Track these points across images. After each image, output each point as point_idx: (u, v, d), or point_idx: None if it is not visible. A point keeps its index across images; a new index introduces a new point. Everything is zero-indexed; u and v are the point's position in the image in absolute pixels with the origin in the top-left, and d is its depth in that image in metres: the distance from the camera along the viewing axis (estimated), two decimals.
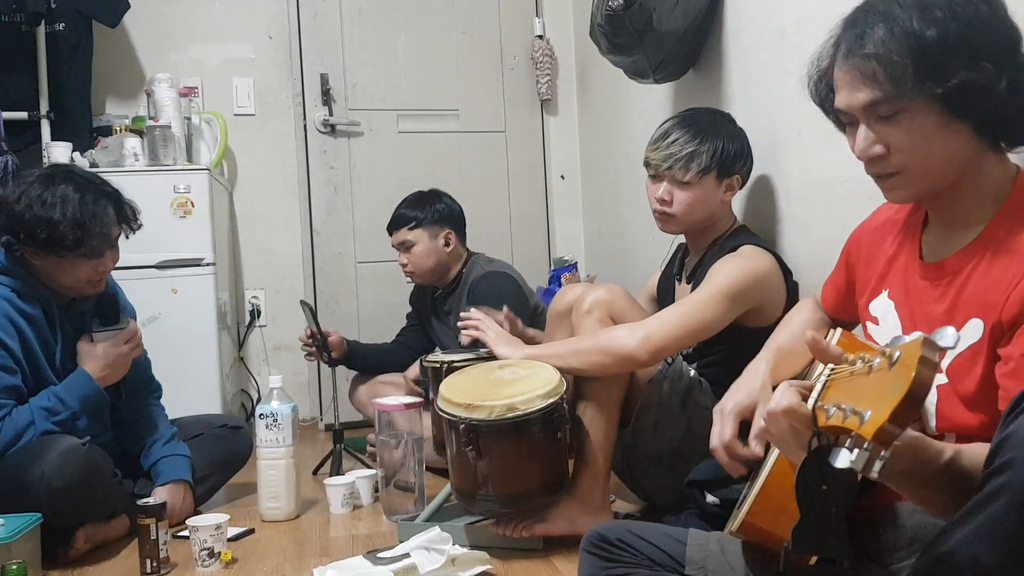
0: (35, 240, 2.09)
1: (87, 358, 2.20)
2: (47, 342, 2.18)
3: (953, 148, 1.16)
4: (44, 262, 2.14)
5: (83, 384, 2.16)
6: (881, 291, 1.33)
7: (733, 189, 2.21)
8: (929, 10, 1.12)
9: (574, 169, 4.23)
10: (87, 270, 2.17)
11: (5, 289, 2.11)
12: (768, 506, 1.22)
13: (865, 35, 1.15)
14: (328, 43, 3.94)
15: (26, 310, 2.12)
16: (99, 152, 3.38)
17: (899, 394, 0.85)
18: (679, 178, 2.14)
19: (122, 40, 3.81)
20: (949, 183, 1.19)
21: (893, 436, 0.86)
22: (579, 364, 1.99)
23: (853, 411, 0.89)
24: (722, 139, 2.16)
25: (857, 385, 0.96)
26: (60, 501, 1.95)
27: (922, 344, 0.87)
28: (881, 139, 1.18)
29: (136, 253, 3.15)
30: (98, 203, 2.14)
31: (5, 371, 2.07)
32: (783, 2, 2.26)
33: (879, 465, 0.88)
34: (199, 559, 1.96)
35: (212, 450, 2.51)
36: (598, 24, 2.62)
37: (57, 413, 2.09)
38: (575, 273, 3.78)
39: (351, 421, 3.22)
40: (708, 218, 2.20)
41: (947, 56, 1.10)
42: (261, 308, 4.00)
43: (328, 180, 3.94)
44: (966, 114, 1.13)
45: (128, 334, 2.26)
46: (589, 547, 1.39)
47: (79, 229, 2.08)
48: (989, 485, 0.87)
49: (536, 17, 4.20)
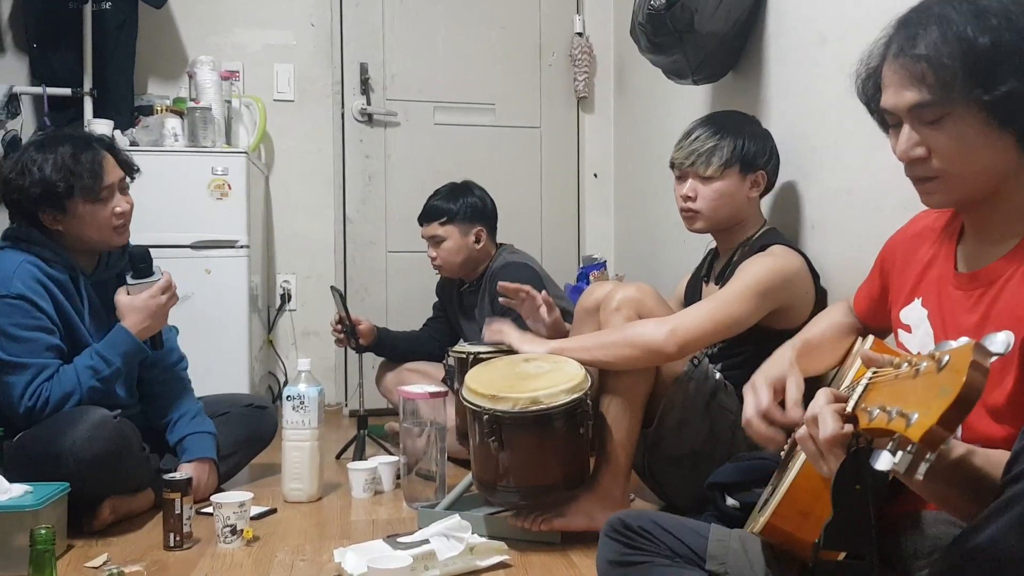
0: (34, 201, 2.14)
1: (127, 311, 2.22)
2: (76, 306, 2.21)
3: (994, 157, 1.15)
4: (64, 224, 2.18)
5: (124, 340, 2.18)
6: (914, 299, 1.32)
7: (759, 186, 2.21)
8: (984, 17, 1.11)
9: (607, 168, 4.23)
10: (105, 215, 2.20)
11: (32, 257, 2.15)
12: (793, 509, 1.22)
13: (918, 36, 1.14)
14: (369, 32, 3.97)
15: (55, 275, 2.16)
16: (139, 131, 3.43)
17: (949, 397, 0.84)
18: (701, 173, 2.17)
19: (166, 21, 3.86)
20: (987, 193, 1.19)
21: (941, 439, 0.86)
22: (605, 357, 1.99)
23: (900, 413, 0.89)
24: (743, 136, 2.19)
25: (903, 388, 0.95)
26: (89, 471, 1.99)
27: (974, 348, 0.87)
28: (924, 142, 1.17)
29: (172, 232, 3.22)
30: (85, 150, 2.18)
31: (44, 331, 2.11)
32: (825, 8, 2.25)
33: (924, 467, 0.87)
34: (221, 535, 1.99)
35: (237, 429, 2.54)
36: (639, 23, 2.62)
37: (101, 371, 2.13)
38: (603, 272, 3.78)
39: (375, 408, 3.24)
40: (734, 215, 2.21)
41: (998, 64, 1.09)
42: (292, 292, 4.04)
43: (363, 169, 3.97)
44: (1011, 124, 1.12)
45: (164, 283, 2.27)
46: (611, 532, 1.39)
47: (68, 174, 2.12)
48: (1007, 492, 0.87)
49: (576, 14, 4.20)
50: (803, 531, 1.19)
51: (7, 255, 2.15)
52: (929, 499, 1.08)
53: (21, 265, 2.12)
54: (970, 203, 1.22)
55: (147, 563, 1.87)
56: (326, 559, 1.90)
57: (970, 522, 0.93)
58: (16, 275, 2.10)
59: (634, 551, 1.36)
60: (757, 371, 1.50)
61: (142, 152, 3.32)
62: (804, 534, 1.18)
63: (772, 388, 1.42)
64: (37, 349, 2.10)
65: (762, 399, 1.40)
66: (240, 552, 1.97)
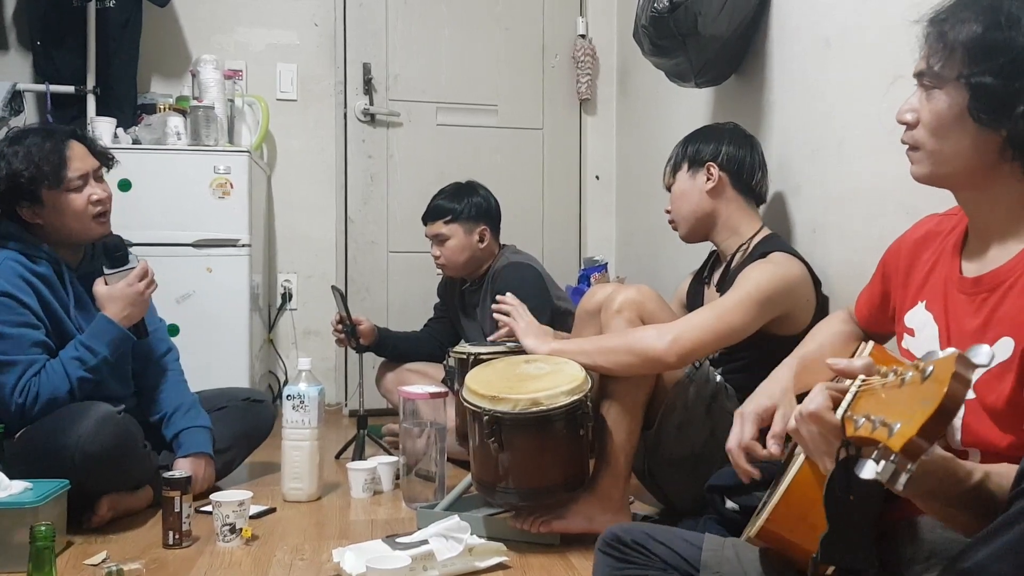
0: (5, 195, 2.15)
1: (106, 301, 2.21)
2: (62, 300, 2.21)
3: (967, 145, 1.18)
4: (43, 217, 2.18)
5: (107, 328, 2.18)
6: (918, 302, 1.33)
7: (712, 179, 2.23)
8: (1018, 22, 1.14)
9: (609, 170, 4.23)
10: (79, 204, 2.19)
11: (13, 252, 2.15)
12: (788, 513, 1.22)
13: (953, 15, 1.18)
14: (372, 33, 3.97)
15: (37, 270, 2.15)
16: (142, 129, 3.43)
17: (929, 409, 0.85)
18: (666, 184, 2.35)
19: (170, 20, 3.86)
20: (968, 183, 1.21)
21: (921, 450, 0.86)
22: (605, 362, 1.99)
23: (883, 423, 0.89)
24: (692, 138, 2.30)
25: (888, 397, 0.96)
26: (93, 467, 1.99)
27: (956, 360, 0.87)
28: (916, 108, 1.23)
29: (174, 231, 3.23)
30: (50, 138, 2.19)
31: (29, 327, 2.10)
32: (829, 12, 2.25)
33: (904, 478, 0.88)
34: (220, 534, 1.99)
35: (234, 423, 2.54)
36: (642, 25, 2.62)
37: (87, 361, 2.13)
38: (605, 274, 3.78)
39: (375, 408, 3.24)
40: (696, 211, 2.27)
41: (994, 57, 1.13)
42: (293, 292, 4.04)
43: (365, 169, 3.97)
44: (990, 118, 1.15)
45: (141, 271, 2.25)
46: (605, 548, 1.39)
47: (31, 164, 2.13)
48: (1016, 505, 0.87)
49: (579, 16, 4.20)
50: (799, 535, 1.19)
51: None
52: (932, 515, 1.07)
53: (3, 262, 2.12)
54: (953, 188, 1.25)
55: (146, 561, 1.87)
56: (325, 559, 1.90)
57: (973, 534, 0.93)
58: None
59: (629, 565, 1.36)
60: (749, 398, 1.54)
61: (145, 150, 3.33)
62: (800, 539, 1.18)
63: (759, 421, 1.47)
64: (23, 345, 2.09)
65: (745, 433, 1.47)
66: (239, 551, 1.97)
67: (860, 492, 0.98)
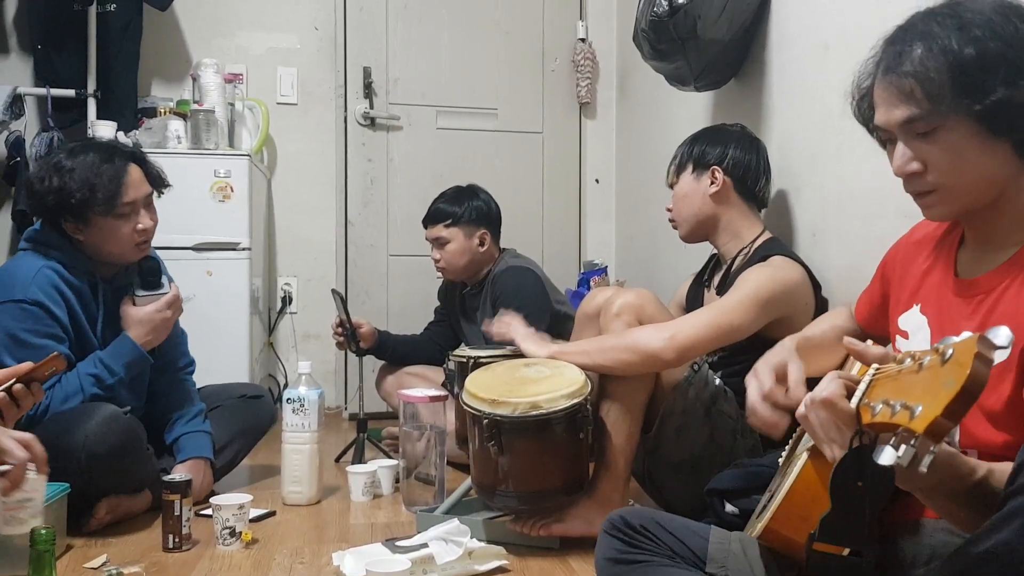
0: (49, 209, 2.14)
1: (131, 323, 2.22)
2: (91, 313, 2.21)
3: (990, 166, 1.16)
4: (84, 235, 2.17)
5: (128, 350, 2.19)
6: (913, 305, 1.33)
7: (716, 182, 2.23)
8: (968, 29, 1.12)
9: (609, 174, 4.23)
10: (126, 232, 2.19)
11: (53, 262, 2.15)
12: (791, 513, 1.22)
13: (903, 53, 1.15)
14: (372, 36, 3.98)
15: (73, 282, 2.16)
16: (143, 133, 3.43)
17: (954, 389, 0.85)
18: (669, 184, 2.34)
19: (171, 24, 3.87)
20: (987, 201, 1.19)
21: (945, 431, 0.86)
22: (604, 361, 1.99)
23: (904, 406, 0.89)
24: (697, 139, 2.29)
25: (906, 382, 0.96)
26: (98, 467, 1.99)
27: (978, 341, 0.87)
28: (918, 156, 1.18)
29: (174, 234, 3.22)
30: (109, 161, 2.16)
31: (55, 339, 2.10)
32: (828, 16, 2.25)
33: (928, 460, 0.87)
34: (220, 537, 1.99)
35: (232, 420, 2.53)
36: (642, 29, 2.63)
37: (104, 379, 2.14)
38: (604, 277, 3.78)
39: (375, 411, 3.24)
40: (698, 214, 2.26)
41: (985, 74, 1.10)
42: (293, 295, 4.05)
43: (365, 172, 3.97)
44: (1004, 132, 1.13)
45: (171, 298, 2.28)
46: (611, 530, 1.39)
47: (85, 187, 2.11)
48: (1009, 505, 0.87)
49: (579, 20, 4.20)
50: (802, 535, 1.19)
51: (28, 258, 2.16)
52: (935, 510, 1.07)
53: (41, 271, 2.12)
54: (972, 213, 1.22)
55: (146, 564, 1.87)
56: (325, 562, 1.90)
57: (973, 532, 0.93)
58: (35, 281, 2.10)
59: (635, 550, 1.35)
60: (758, 361, 1.49)
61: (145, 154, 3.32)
62: (803, 538, 1.18)
63: (775, 373, 1.42)
64: (45, 357, 2.09)
65: (765, 382, 1.40)
66: (239, 554, 1.97)
67: (871, 480, 0.97)
